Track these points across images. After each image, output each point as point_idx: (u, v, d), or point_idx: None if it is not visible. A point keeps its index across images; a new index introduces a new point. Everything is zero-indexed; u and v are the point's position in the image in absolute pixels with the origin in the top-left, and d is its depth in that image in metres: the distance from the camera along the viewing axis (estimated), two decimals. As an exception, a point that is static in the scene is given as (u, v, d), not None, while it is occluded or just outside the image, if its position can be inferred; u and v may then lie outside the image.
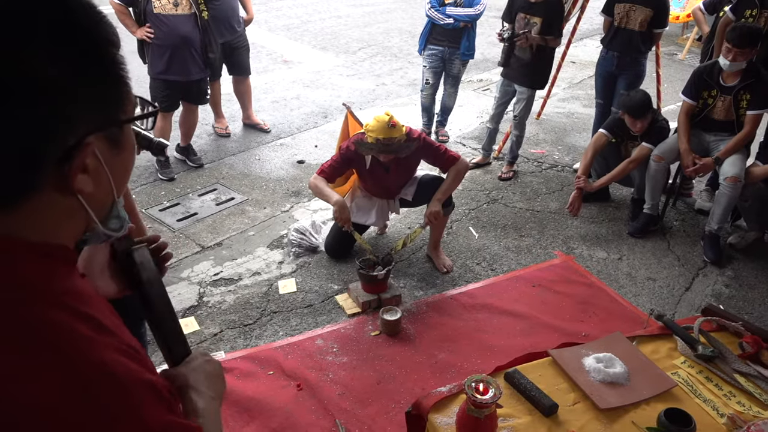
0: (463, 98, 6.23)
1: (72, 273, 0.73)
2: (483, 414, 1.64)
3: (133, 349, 0.71)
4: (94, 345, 0.65)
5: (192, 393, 0.93)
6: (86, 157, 0.67)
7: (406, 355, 2.98)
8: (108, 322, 0.71)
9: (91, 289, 0.75)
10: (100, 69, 0.69)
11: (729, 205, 3.78)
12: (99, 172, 0.70)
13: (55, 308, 0.65)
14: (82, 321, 0.66)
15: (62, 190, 0.68)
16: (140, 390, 0.67)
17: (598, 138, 4.12)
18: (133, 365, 0.68)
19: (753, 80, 3.72)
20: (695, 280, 3.67)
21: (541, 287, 3.49)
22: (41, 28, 0.62)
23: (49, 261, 0.69)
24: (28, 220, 0.68)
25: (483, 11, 4.77)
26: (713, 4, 5.17)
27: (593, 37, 8.24)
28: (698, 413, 1.81)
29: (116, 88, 0.71)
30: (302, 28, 8.61)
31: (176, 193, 4.32)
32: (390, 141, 3.14)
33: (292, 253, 3.71)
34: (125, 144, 0.75)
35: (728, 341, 2.12)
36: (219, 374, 1.01)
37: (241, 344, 3.01)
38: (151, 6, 4.01)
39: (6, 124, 0.61)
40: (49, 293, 0.67)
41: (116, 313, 0.80)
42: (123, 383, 0.65)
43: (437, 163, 3.45)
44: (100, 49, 0.69)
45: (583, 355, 2.03)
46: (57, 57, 0.63)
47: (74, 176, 0.67)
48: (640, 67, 4.62)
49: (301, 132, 5.43)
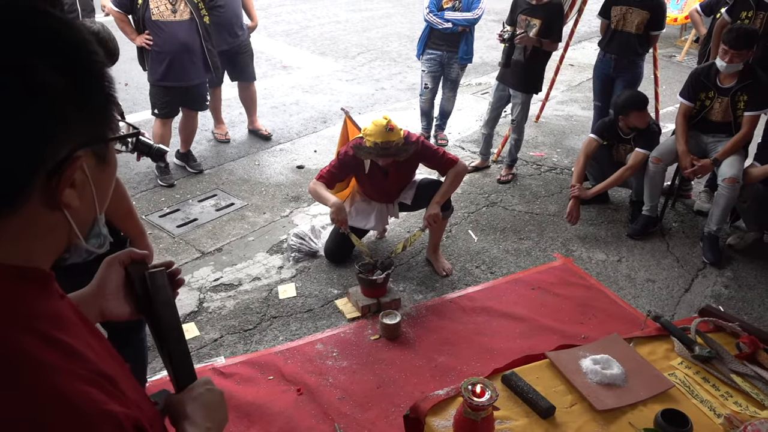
0: (462, 102, 6.25)
1: (46, 295, 0.72)
2: (480, 416, 1.65)
3: (105, 377, 0.69)
4: (58, 374, 0.64)
5: (187, 424, 0.92)
6: (75, 170, 0.68)
7: (406, 358, 2.99)
8: (82, 348, 0.69)
9: (67, 312, 0.74)
10: (92, 84, 0.70)
11: (727, 206, 3.79)
12: (85, 187, 0.71)
13: (21, 332, 0.64)
14: (50, 346, 0.65)
15: (49, 204, 0.68)
16: (100, 422, 0.64)
17: (588, 143, 4.13)
18: (99, 396, 0.66)
19: (750, 81, 3.73)
20: (695, 282, 3.67)
21: (540, 290, 3.49)
22: (40, 42, 0.64)
23: (21, 283, 0.68)
24: (9, 237, 0.67)
25: (481, 15, 4.79)
26: (710, 5, 5.18)
27: (591, 40, 8.25)
28: (695, 414, 1.81)
29: (105, 105, 0.72)
30: (301, 34, 8.63)
31: (176, 199, 4.33)
32: (388, 144, 3.16)
33: (291, 258, 3.72)
34: (110, 160, 0.75)
35: (725, 342, 2.13)
36: (219, 404, 1.00)
37: (241, 349, 3.02)
38: (150, 13, 4.03)
39: (2, 131, 0.62)
40: (17, 317, 0.65)
41: (100, 335, 0.79)
42: (82, 415, 0.63)
43: (435, 166, 3.46)
44: (93, 66, 0.70)
45: (580, 356, 2.04)
46: (55, 69, 0.65)
47: (62, 189, 0.67)
48: (638, 69, 4.63)
49: (300, 137, 5.45)
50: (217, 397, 0.99)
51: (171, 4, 4.05)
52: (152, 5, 4.02)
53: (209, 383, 1.00)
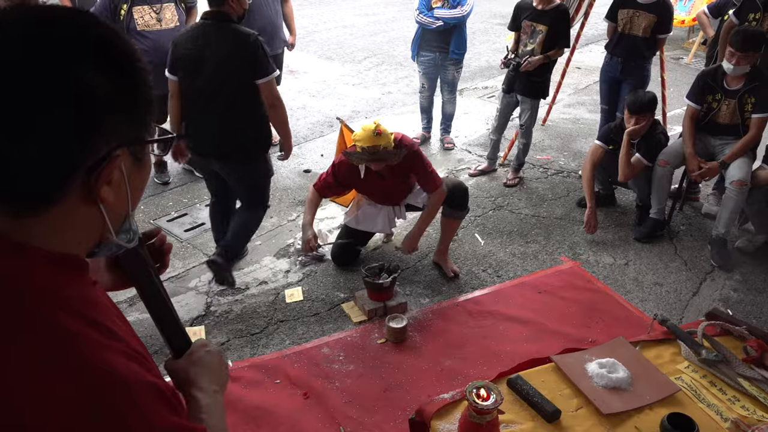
0: (469, 105, 6.26)
1: (84, 282, 0.77)
2: (485, 420, 1.65)
3: (140, 354, 0.75)
4: (102, 348, 0.69)
5: (194, 390, 0.96)
6: (114, 168, 0.72)
7: (412, 362, 2.99)
8: (116, 328, 0.74)
9: (101, 297, 0.79)
10: (135, 90, 0.75)
11: (736, 208, 3.77)
12: (120, 185, 0.76)
13: (66, 313, 0.69)
14: (91, 326, 0.70)
15: (86, 199, 0.72)
16: (145, 391, 0.70)
17: (594, 150, 4.10)
18: (138, 368, 0.71)
19: (757, 83, 3.71)
20: (703, 285, 3.65)
21: (547, 293, 3.48)
22: (93, 48, 0.70)
23: (63, 269, 0.73)
24: (49, 227, 0.72)
25: (470, 12, 4.80)
26: (718, 7, 5.16)
27: (598, 43, 8.23)
28: (702, 418, 1.80)
29: (144, 109, 0.77)
30: (308, 38, 8.67)
31: (184, 204, 4.36)
32: (375, 149, 3.15)
33: (298, 262, 3.74)
34: (145, 162, 0.81)
35: (732, 345, 2.11)
36: (220, 365, 1.03)
37: (248, 353, 3.04)
38: (135, 23, 3.99)
39: (51, 126, 0.66)
40: (61, 299, 0.70)
41: (125, 320, 0.84)
42: (128, 384, 0.68)
43: (420, 179, 3.44)
44: (136, 73, 0.75)
45: (586, 360, 2.04)
46: (103, 71, 0.70)
47: (101, 185, 0.72)
48: (645, 72, 4.62)
49: (307, 141, 5.47)
50: (216, 358, 1.03)
51: (155, 13, 4.04)
52: (136, 15, 3.99)
53: (206, 345, 1.04)
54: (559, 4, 4.37)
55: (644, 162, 3.93)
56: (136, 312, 3.28)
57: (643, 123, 3.84)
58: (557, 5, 4.34)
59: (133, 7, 3.98)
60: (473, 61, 7.68)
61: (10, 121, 0.65)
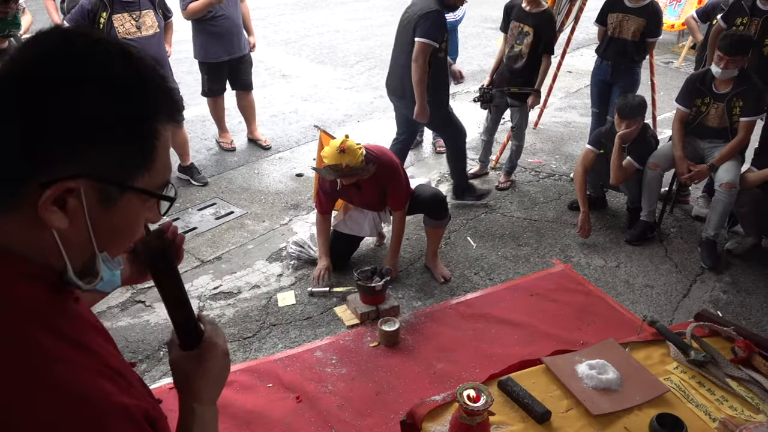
0: (460, 109, 6.27)
1: (60, 295, 0.75)
2: (475, 421, 1.66)
3: (116, 372, 0.73)
4: (71, 366, 0.67)
5: (194, 402, 0.94)
6: (63, 193, 0.69)
7: (405, 365, 2.99)
8: (93, 344, 0.73)
9: (81, 311, 0.78)
10: (132, 130, 0.71)
11: (725, 211, 3.80)
12: (78, 217, 0.71)
13: (37, 327, 0.68)
14: (63, 341, 0.69)
15: (36, 215, 0.70)
16: (111, 412, 0.68)
17: (585, 155, 4.12)
18: (110, 387, 0.69)
19: (745, 87, 3.75)
20: (693, 287, 3.68)
21: (538, 296, 3.50)
22: (95, 74, 0.69)
23: (38, 281, 0.72)
24: (18, 233, 0.71)
25: (462, 17, 4.82)
26: (706, 12, 5.21)
27: (589, 47, 8.28)
28: (690, 418, 1.82)
29: (140, 156, 0.73)
30: (300, 43, 8.68)
31: (175, 208, 4.35)
32: (338, 167, 3.14)
33: (291, 266, 3.74)
34: (119, 208, 0.74)
35: (721, 346, 2.13)
36: (224, 368, 1.00)
37: (240, 357, 3.04)
38: (115, 32, 3.95)
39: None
40: (33, 312, 0.69)
41: (108, 337, 0.83)
42: (93, 404, 0.67)
43: (390, 196, 3.47)
44: (144, 116, 0.72)
45: (576, 361, 2.05)
46: (97, 100, 0.68)
47: (45, 205, 0.68)
48: (635, 75, 4.65)
49: (299, 145, 5.47)
50: (223, 368, 1.00)
51: (135, 20, 4.02)
52: (116, 24, 3.95)
53: (216, 346, 0.99)
54: (545, 9, 4.40)
55: (635, 165, 3.96)
56: (128, 317, 3.27)
57: (633, 127, 3.87)
58: (544, 9, 4.37)
59: (113, 15, 3.93)
60: (465, 65, 7.70)
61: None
